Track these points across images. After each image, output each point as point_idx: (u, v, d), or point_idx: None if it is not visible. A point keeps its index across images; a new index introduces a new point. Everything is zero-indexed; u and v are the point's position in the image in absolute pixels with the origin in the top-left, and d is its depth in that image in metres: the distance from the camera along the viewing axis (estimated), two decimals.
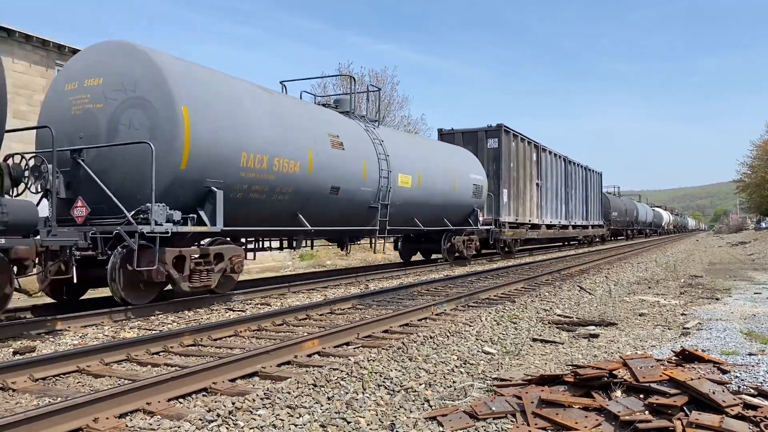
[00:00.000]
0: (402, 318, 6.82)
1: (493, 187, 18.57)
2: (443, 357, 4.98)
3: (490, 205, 18.45)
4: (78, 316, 6.77)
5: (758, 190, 60.85)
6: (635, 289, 10.47)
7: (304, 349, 5.16)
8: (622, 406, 3.26)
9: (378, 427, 3.35)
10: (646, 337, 6.09)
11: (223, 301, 8.60)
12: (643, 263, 17.16)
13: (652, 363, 3.65)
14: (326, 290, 10.40)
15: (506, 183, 19.30)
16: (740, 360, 4.59)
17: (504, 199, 19.00)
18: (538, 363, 5.01)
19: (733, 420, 3.07)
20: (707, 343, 5.52)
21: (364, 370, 4.41)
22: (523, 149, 21.22)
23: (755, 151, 61.55)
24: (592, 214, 31.49)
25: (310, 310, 7.51)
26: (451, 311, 7.69)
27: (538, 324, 6.80)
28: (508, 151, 19.67)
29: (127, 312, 7.24)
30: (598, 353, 5.33)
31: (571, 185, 27.39)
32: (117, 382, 4.35)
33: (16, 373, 4.27)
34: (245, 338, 6.08)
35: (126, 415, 3.54)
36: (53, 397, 3.96)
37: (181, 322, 7.07)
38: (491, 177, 18.47)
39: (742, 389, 3.53)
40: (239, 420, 3.36)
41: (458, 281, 11.52)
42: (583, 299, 8.99)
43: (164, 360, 5.04)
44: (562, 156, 26.28)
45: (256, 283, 10.62)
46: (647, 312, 7.72)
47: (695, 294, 9.65)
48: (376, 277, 12.49)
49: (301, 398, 3.74)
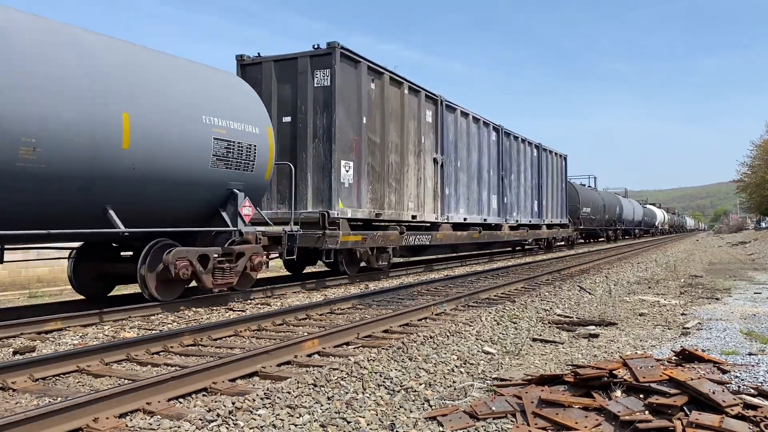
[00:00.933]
0: (402, 318, 6.82)
1: (322, 156, 10.69)
2: (443, 357, 4.98)
3: (301, 187, 10.82)
4: (78, 315, 6.77)
5: (758, 190, 60.81)
6: (635, 289, 10.47)
7: (304, 349, 5.16)
8: (622, 406, 3.26)
9: (378, 427, 3.35)
10: (646, 337, 6.09)
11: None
12: (643, 263, 17.16)
13: (652, 363, 3.65)
14: (326, 290, 10.40)
15: (349, 149, 11.04)
16: (740, 360, 4.60)
17: (345, 177, 10.87)
18: (538, 363, 5.01)
19: (733, 420, 3.07)
20: (707, 343, 5.52)
21: (364, 369, 4.41)
22: (398, 98, 12.70)
23: (755, 151, 61.54)
24: (551, 210, 23.83)
25: (310, 309, 7.51)
26: (451, 311, 7.69)
27: (538, 324, 6.80)
28: (357, 94, 11.21)
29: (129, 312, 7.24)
30: (598, 353, 5.33)
31: (512, 168, 19.64)
32: (117, 382, 4.35)
33: (16, 373, 4.26)
34: (245, 338, 6.08)
35: (126, 415, 3.54)
36: (53, 397, 3.96)
37: (181, 322, 7.07)
38: (319, 138, 10.71)
39: (742, 389, 3.53)
40: (239, 420, 3.36)
41: (458, 281, 11.52)
42: (583, 299, 8.99)
43: (164, 360, 5.04)
44: (492, 124, 18.01)
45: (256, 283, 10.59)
46: (647, 312, 7.72)
47: (695, 294, 9.65)
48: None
49: (301, 398, 3.74)
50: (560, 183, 25.75)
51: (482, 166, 17.39)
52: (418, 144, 13.65)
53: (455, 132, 15.64)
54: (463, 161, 16.08)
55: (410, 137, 13.31)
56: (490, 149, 18.07)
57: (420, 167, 13.71)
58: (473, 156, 16.82)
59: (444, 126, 14.84)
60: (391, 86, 12.53)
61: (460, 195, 15.81)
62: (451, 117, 15.44)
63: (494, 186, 18.33)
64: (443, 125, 14.79)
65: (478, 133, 17.22)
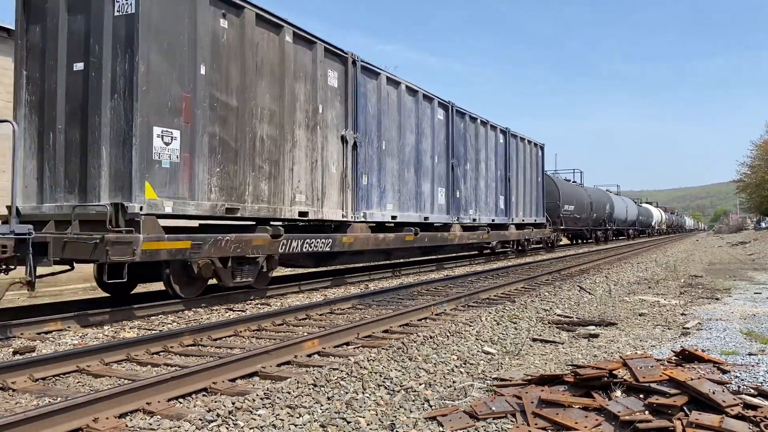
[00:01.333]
0: (402, 318, 6.82)
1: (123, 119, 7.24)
2: (443, 357, 4.98)
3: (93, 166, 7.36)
4: (78, 315, 6.76)
5: (758, 190, 60.84)
6: (635, 289, 10.47)
7: (304, 349, 5.16)
8: (622, 406, 3.26)
9: (378, 427, 3.35)
10: (646, 337, 6.09)
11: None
12: (643, 263, 17.16)
13: (652, 363, 3.65)
14: (326, 290, 10.40)
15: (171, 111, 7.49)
16: (740, 360, 4.60)
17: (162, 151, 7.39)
18: (538, 363, 5.01)
19: (733, 420, 3.07)
20: (707, 343, 5.52)
21: (364, 370, 4.41)
22: (276, 47, 9.14)
23: (755, 151, 61.58)
24: (522, 207, 20.39)
25: (310, 310, 7.51)
26: (451, 311, 7.69)
27: (538, 324, 6.80)
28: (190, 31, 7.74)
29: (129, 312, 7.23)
30: (598, 353, 5.33)
31: (467, 156, 16.16)
32: (117, 382, 4.35)
33: (16, 373, 4.26)
34: (245, 338, 6.08)
35: (126, 415, 3.54)
36: (53, 397, 3.96)
37: (181, 322, 7.07)
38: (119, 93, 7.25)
39: (742, 389, 3.54)
40: (239, 420, 3.36)
41: (458, 281, 11.52)
42: (583, 299, 9.00)
43: (164, 360, 5.04)
44: (437, 99, 14.26)
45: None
46: (647, 312, 7.72)
47: (695, 294, 9.65)
48: (375, 277, 12.49)
49: (301, 398, 3.74)
50: (536, 176, 21.89)
51: (422, 152, 13.55)
52: (312, 115, 9.74)
53: (379, 104, 11.74)
54: (392, 143, 12.22)
55: (298, 104, 9.42)
56: (435, 131, 14.18)
57: (317, 147, 9.81)
58: (408, 137, 12.96)
59: (359, 94, 10.97)
60: (259, 28, 8.72)
61: (386, 186, 12.01)
62: (372, 84, 11.52)
63: (441, 177, 14.53)
64: (357, 93, 10.89)
65: (417, 108, 13.35)
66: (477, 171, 16.79)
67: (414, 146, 13.30)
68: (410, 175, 13.16)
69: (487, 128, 17.49)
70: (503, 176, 18.75)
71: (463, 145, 15.95)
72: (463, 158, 15.86)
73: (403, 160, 12.79)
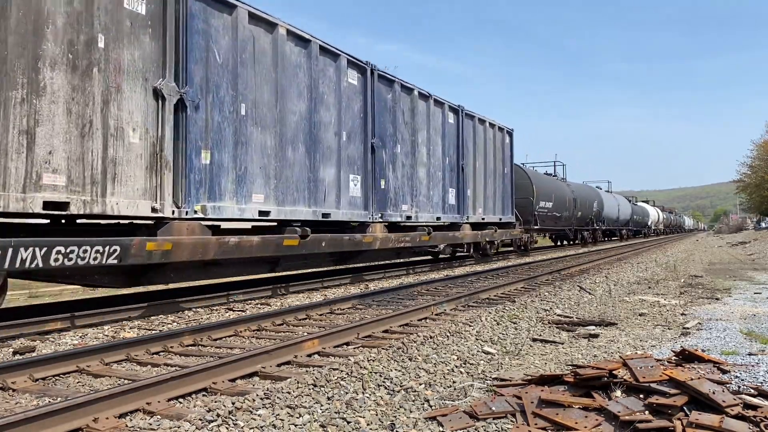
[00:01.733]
0: (402, 318, 6.82)
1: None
2: (443, 357, 4.98)
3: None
4: (78, 315, 6.77)
5: (758, 190, 60.86)
6: (635, 289, 10.47)
7: (304, 349, 5.16)
8: (622, 406, 3.27)
9: (378, 427, 3.35)
10: (646, 337, 6.09)
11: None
12: (643, 263, 17.17)
13: (652, 363, 3.65)
14: (326, 290, 10.40)
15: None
16: (740, 360, 4.60)
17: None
18: (538, 363, 5.01)
19: (733, 420, 3.07)
20: (707, 343, 5.52)
21: (364, 370, 4.41)
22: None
23: (755, 151, 61.59)
24: (482, 203, 16.80)
25: (310, 310, 7.51)
26: (451, 311, 7.70)
27: (538, 324, 6.80)
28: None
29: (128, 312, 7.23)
30: (598, 353, 5.33)
31: (397, 136, 12.47)
32: (117, 382, 4.35)
33: (16, 373, 4.26)
34: (245, 338, 6.08)
35: (126, 415, 3.54)
36: (53, 397, 3.96)
37: (181, 322, 7.07)
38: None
39: (742, 389, 3.54)
40: (239, 420, 3.36)
41: (458, 281, 11.52)
42: (583, 299, 9.00)
43: (164, 360, 5.04)
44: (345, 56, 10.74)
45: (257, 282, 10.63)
46: (647, 312, 7.73)
47: (695, 294, 9.65)
48: (375, 277, 12.49)
49: (301, 398, 3.75)
50: (501, 167, 18.37)
51: (320, 125, 9.94)
52: (84, 49, 6.39)
53: (235, 50, 8.23)
54: (261, 108, 8.75)
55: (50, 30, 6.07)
56: (343, 99, 10.61)
57: (93, 101, 6.47)
58: (293, 104, 9.39)
59: (191, 30, 7.58)
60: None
61: (250, 169, 8.55)
62: (221, 20, 8.09)
63: (354, 161, 10.97)
64: (189, 28, 7.52)
65: (310, 66, 9.71)
66: (414, 156, 13.08)
67: (305, 116, 9.61)
68: (298, 156, 9.47)
69: (429, 103, 13.83)
70: (454, 165, 15.18)
71: (392, 122, 12.22)
72: (391, 139, 12.15)
73: (283, 135, 9.14)
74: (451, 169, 15.07)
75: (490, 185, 17.55)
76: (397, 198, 12.45)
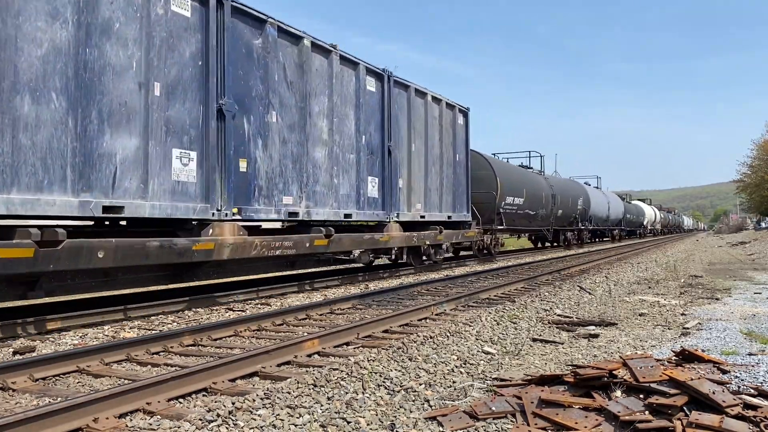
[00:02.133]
0: (402, 318, 6.82)
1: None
2: (443, 357, 4.98)
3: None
4: (78, 315, 6.77)
5: (758, 190, 60.85)
6: (635, 289, 10.47)
7: (304, 349, 5.16)
8: (622, 406, 3.27)
9: (378, 427, 3.35)
10: (646, 337, 6.09)
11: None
12: (643, 263, 17.17)
13: (652, 363, 3.65)
14: (326, 290, 10.40)
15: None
16: (740, 360, 4.59)
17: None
18: (538, 363, 5.01)
19: (733, 420, 3.07)
20: (707, 343, 5.52)
21: (364, 370, 4.41)
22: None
23: (755, 151, 61.56)
24: (424, 197, 13.40)
25: (310, 310, 7.51)
26: (451, 311, 7.70)
27: (538, 324, 6.80)
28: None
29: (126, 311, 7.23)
30: (598, 353, 5.33)
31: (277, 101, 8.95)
32: (117, 382, 4.35)
33: (16, 373, 4.27)
34: (245, 338, 6.08)
35: (126, 415, 3.54)
36: (53, 397, 3.96)
37: (181, 322, 7.07)
38: None
39: (742, 389, 3.53)
40: (239, 420, 3.36)
41: (458, 281, 11.52)
42: (583, 299, 9.00)
43: (164, 360, 5.04)
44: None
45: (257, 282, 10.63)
46: (647, 312, 7.72)
47: (695, 294, 9.65)
48: (375, 277, 12.49)
49: (301, 398, 3.74)
50: (451, 153, 14.84)
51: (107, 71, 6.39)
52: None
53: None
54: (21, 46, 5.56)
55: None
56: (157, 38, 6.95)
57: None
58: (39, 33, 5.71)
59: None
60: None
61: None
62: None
63: (183, 131, 7.35)
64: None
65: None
66: (305, 131, 9.54)
67: (70, 55, 6.03)
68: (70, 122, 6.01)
69: (331, 60, 10.16)
70: (377, 146, 11.64)
71: (262, 80, 8.67)
72: (260, 103, 8.65)
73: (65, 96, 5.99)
74: (371, 151, 11.48)
75: (434, 175, 13.89)
76: (270, 187, 8.85)
